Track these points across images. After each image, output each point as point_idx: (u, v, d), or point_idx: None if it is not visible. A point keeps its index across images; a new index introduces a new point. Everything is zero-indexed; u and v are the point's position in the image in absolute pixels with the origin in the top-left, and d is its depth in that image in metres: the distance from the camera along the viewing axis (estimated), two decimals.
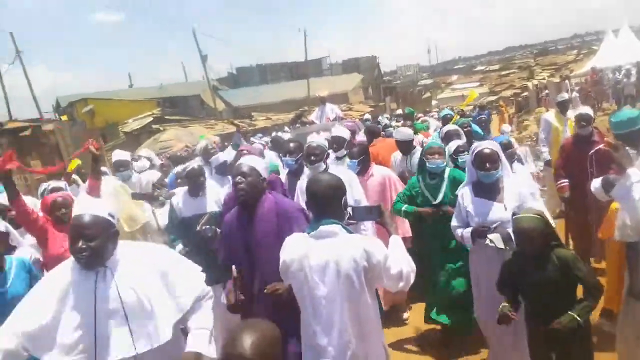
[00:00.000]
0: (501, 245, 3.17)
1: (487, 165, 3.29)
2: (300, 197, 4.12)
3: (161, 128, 16.95)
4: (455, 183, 3.84)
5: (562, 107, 6.51)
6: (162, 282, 2.18)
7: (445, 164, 4.00)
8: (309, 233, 2.29)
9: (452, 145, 4.29)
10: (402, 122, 11.07)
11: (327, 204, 2.30)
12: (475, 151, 3.38)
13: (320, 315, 2.26)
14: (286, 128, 9.53)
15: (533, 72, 36.07)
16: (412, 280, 2.27)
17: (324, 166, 3.97)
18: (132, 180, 5.66)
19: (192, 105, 27.94)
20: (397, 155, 5.26)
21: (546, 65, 38.86)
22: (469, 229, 3.37)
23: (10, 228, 3.40)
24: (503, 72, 40.92)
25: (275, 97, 27.70)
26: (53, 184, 4.59)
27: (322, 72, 37.40)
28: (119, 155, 5.89)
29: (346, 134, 5.07)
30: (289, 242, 2.34)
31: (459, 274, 3.82)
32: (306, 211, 2.65)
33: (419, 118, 11.23)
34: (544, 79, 30.48)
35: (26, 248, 3.81)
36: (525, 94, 25.92)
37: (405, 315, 4.59)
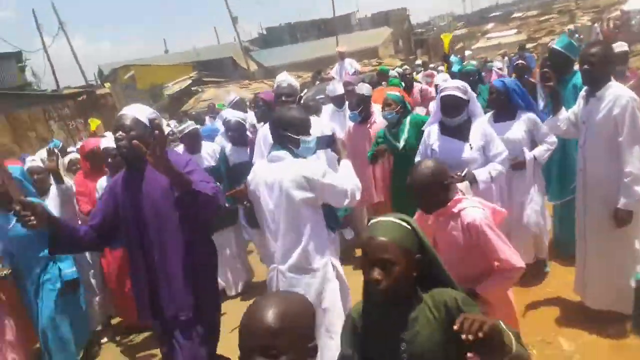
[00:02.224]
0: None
1: (449, 110, 3.29)
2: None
3: (200, 89, 18.59)
4: (417, 126, 3.94)
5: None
6: None
7: (393, 114, 4.04)
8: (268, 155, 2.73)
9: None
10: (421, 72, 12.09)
11: (277, 134, 2.68)
12: (440, 95, 3.37)
13: (271, 226, 2.67)
14: (306, 90, 10.49)
15: (574, 15, 35.15)
16: (357, 197, 2.69)
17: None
18: None
19: (226, 67, 29.33)
20: (329, 107, 5.79)
21: (588, 8, 37.69)
22: None
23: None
24: (542, 18, 39.83)
25: (305, 56, 28.67)
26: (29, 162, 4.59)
27: (351, 27, 37.80)
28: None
29: (341, 90, 5.59)
30: (253, 168, 2.79)
31: None
32: (194, 160, 2.63)
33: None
34: (582, 23, 30.03)
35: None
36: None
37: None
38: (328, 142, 3.00)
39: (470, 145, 3.24)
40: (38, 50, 24.85)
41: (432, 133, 3.44)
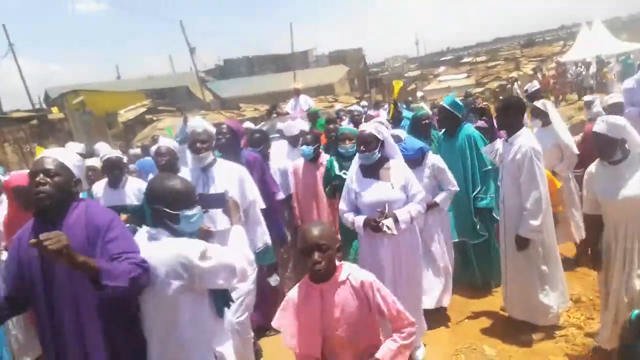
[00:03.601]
0: (395, 231, 3.32)
1: (362, 147, 3.47)
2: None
3: (154, 118, 18.84)
4: None
5: (533, 98, 6.67)
6: None
7: (355, 148, 4.05)
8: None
9: None
10: (374, 111, 12.93)
11: (151, 208, 2.31)
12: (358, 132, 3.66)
13: (143, 312, 2.30)
14: (263, 123, 10.83)
15: (519, 63, 38.04)
16: (249, 272, 2.46)
17: (212, 157, 3.56)
18: None
19: (180, 97, 29.60)
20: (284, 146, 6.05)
21: (532, 56, 40.90)
22: (361, 217, 3.46)
23: None
24: (490, 64, 42.62)
25: (262, 89, 29.44)
26: None
27: (308, 64, 39.22)
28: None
29: (296, 130, 5.83)
30: (139, 233, 2.38)
31: None
32: (118, 220, 2.38)
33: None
34: (524, 72, 32.62)
35: None
36: (509, 85, 28.03)
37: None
38: (219, 201, 2.81)
39: (391, 184, 3.44)
40: None
41: (354, 178, 3.58)
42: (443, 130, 4.98)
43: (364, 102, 14.85)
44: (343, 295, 2.34)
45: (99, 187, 4.61)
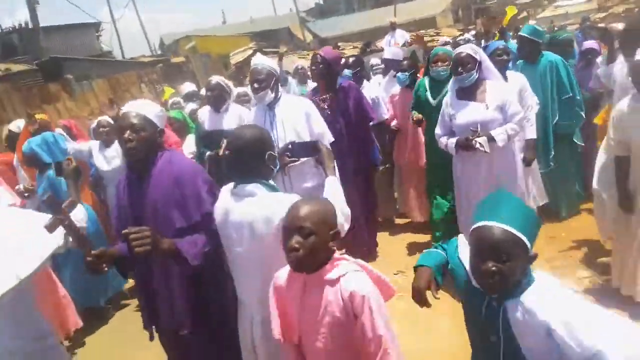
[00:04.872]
0: (488, 149, 3.32)
1: (459, 69, 3.46)
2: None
3: None
4: None
5: None
6: None
7: (448, 71, 4.05)
8: (235, 187, 2.28)
9: None
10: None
11: (247, 163, 2.22)
12: (452, 56, 3.65)
13: (238, 272, 2.33)
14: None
15: None
16: (346, 227, 2.22)
17: (272, 95, 3.54)
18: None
19: (282, 38, 30.32)
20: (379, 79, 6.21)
21: None
22: (454, 139, 3.52)
23: None
24: None
25: (361, 26, 29.20)
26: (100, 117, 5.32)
27: None
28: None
29: (389, 55, 5.73)
30: (221, 191, 2.34)
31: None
32: (205, 174, 2.44)
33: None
34: None
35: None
36: (637, 9, 25.07)
37: None
38: (309, 149, 2.78)
39: (486, 105, 3.43)
40: (108, 22, 26.95)
41: (449, 101, 3.63)
42: (522, 59, 4.82)
43: (472, 32, 14.27)
44: (328, 297, 1.85)
45: (204, 112, 4.84)
